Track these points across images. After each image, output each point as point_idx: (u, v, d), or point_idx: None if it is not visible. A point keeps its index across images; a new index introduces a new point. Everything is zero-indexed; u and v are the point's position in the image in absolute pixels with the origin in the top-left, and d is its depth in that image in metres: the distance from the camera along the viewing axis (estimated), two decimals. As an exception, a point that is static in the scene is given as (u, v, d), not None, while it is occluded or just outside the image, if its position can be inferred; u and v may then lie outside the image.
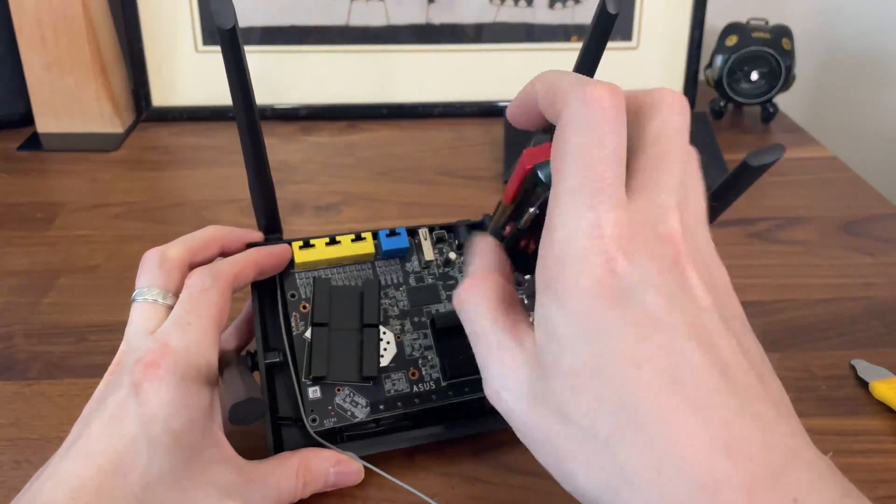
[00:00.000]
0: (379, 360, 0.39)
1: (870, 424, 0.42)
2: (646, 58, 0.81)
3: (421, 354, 0.40)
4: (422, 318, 0.41)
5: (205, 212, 0.64)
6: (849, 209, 0.65)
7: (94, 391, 0.34)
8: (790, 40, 0.78)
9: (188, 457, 0.32)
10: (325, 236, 0.41)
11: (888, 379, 0.44)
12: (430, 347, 0.40)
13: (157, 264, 0.36)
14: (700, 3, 0.79)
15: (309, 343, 0.39)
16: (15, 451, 0.41)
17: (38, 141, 0.76)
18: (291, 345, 0.39)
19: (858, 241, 0.60)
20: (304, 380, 0.38)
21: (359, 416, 0.38)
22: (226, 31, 0.31)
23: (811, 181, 0.70)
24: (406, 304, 0.41)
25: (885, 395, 0.43)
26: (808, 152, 0.75)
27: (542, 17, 0.80)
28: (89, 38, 0.73)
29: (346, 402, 0.38)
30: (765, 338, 0.49)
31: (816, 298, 0.53)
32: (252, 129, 0.36)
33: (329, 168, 0.72)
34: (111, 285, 0.54)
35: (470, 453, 0.40)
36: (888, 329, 0.50)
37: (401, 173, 0.71)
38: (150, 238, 0.60)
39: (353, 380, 0.38)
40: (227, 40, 0.32)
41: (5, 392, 0.45)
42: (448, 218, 0.63)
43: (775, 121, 0.81)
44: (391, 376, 0.39)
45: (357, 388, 0.39)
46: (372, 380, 0.39)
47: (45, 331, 0.50)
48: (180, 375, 0.32)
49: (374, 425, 0.39)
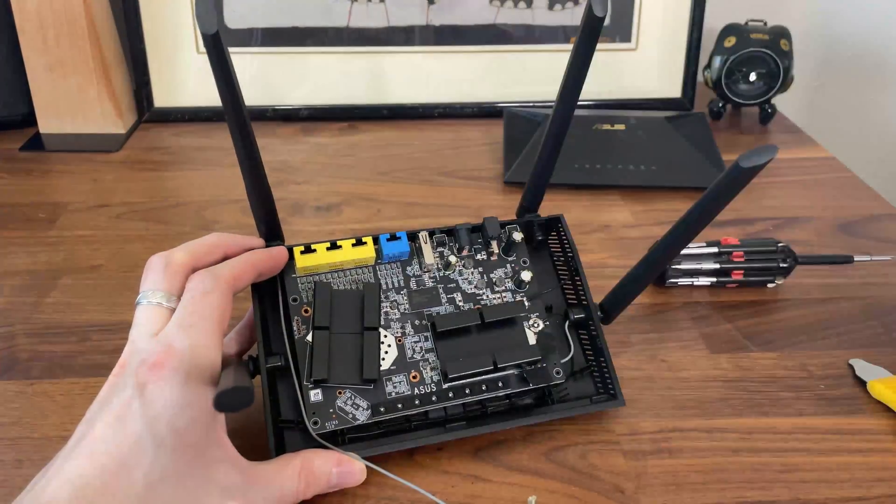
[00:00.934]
0: (380, 362, 0.39)
1: (868, 423, 0.43)
2: (645, 59, 0.82)
3: (422, 357, 0.40)
4: (422, 321, 0.41)
5: (206, 212, 0.64)
6: (846, 209, 0.65)
7: (98, 392, 0.34)
8: (788, 41, 0.78)
9: (192, 456, 0.32)
10: (326, 241, 0.42)
11: (886, 378, 0.45)
12: (430, 350, 0.41)
13: (161, 268, 0.37)
14: (699, 4, 0.79)
15: (310, 346, 0.39)
16: (17, 450, 0.41)
17: (40, 141, 0.76)
18: (293, 348, 0.39)
19: (856, 241, 0.60)
20: (305, 383, 0.38)
21: (360, 418, 0.38)
22: (209, 37, 0.31)
23: (809, 181, 0.70)
24: (407, 307, 0.41)
25: (883, 394, 0.43)
26: (806, 153, 0.76)
27: (541, 18, 0.80)
28: (91, 40, 0.74)
29: (347, 405, 0.38)
30: (763, 337, 0.49)
31: (814, 298, 0.53)
32: (244, 134, 0.36)
33: (330, 168, 0.72)
34: (113, 285, 0.55)
35: (470, 453, 0.41)
36: (886, 329, 0.50)
37: (401, 174, 0.71)
38: (152, 238, 0.60)
39: (354, 382, 0.39)
40: (212, 46, 0.32)
41: (7, 391, 0.45)
42: (448, 218, 0.63)
43: (774, 122, 0.82)
44: (392, 379, 0.39)
45: (358, 390, 0.39)
46: (373, 382, 0.39)
47: (46, 330, 0.50)
48: (184, 376, 0.33)
49: (375, 428, 0.39)
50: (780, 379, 0.46)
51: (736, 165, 0.32)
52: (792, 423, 0.43)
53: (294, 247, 0.41)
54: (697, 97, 0.83)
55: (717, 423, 0.43)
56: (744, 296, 0.53)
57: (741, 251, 0.53)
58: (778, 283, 0.53)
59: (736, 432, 0.42)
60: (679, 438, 0.41)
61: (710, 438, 0.42)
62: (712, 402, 0.44)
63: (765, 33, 0.78)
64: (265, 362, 0.39)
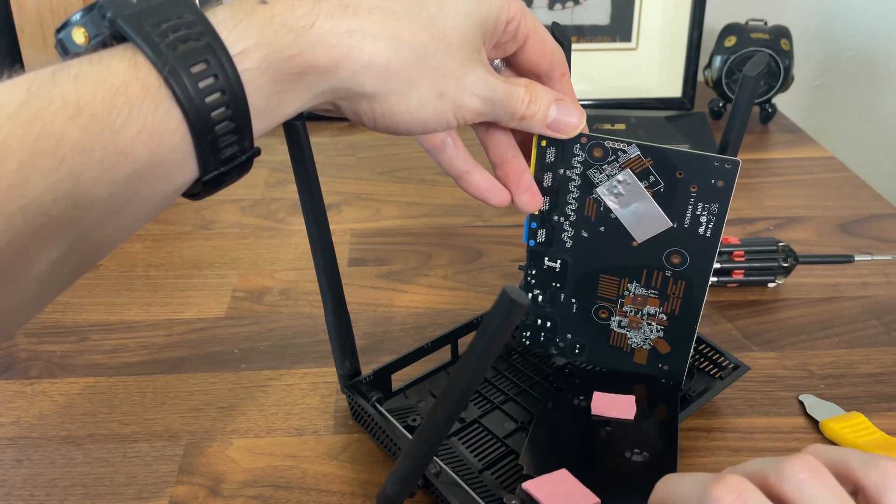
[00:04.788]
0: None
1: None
2: (645, 58, 0.82)
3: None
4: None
5: (205, 211, 0.64)
6: (846, 209, 0.65)
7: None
8: (789, 41, 0.78)
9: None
10: None
11: (839, 416, 0.42)
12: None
13: None
14: (699, 4, 0.79)
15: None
16: (16, 449, 0.41)
17: (38, 141, 0.76)
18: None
19: (856, 240, 0.60)
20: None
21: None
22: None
23: (809, 181, 0.70)
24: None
25: (838, 433, 0.41)
26: (807, 152, 0.76)
27: (541, 17, 0.80)
28: (90, 39, 0.74)
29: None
30: (763, 337, 0.49)
31: (815, 298, 0.53)
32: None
33: (329, 168, 0.72)
34: (112, 285, 0.55)
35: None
36: (886, 328, 0.50)
37: (401, 173, 0.71)
38: (152, 238, 0.60)
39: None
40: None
41: (7, 391, 0.45)
42: (448, 218, 0.63)
43: (774, 121, 0.82)
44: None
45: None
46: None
47: (46, 330, 0.50)
48: None
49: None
50: (780, 379, 0.46)
51: (743, 76, 0.36)
52: (792, 423, 0.43)
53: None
54: (697, 97, 0.83)
55: (717, 423, 0.42)
56: (744, 295, 0.53)
57: (741, 251, 0.53)
58: (778, 283, 0.53)
59: (736, 432, 0.42)
60: (679, 438, 0.41)
61: (710, 438, 0.41)
62: (712, 402, 0.44)
63: (765, 33, 0.78)
64: None
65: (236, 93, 0.26)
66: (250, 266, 0.57)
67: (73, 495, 0.38)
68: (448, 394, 0.27)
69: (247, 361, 0.47)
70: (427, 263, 0.57)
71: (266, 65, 0.27)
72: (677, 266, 0.39)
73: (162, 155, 0.25)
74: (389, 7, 0.30)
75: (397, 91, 0.30)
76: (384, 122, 0.32)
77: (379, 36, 0.29)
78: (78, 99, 0.24)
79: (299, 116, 0.32)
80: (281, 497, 0.38)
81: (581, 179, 0.38)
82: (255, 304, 0.53)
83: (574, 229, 0.40)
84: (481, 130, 0.37)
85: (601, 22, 0.80)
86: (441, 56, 0.31)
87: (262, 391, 0.45)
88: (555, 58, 0.36)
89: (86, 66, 0.25)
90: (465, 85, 0.32)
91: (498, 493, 0.37)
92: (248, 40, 0.27)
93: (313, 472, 0.39)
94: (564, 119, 0.36)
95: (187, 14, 0.26)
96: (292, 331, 0.50)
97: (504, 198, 0.37)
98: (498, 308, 0.24)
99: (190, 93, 0.25)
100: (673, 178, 0.37)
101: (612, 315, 0.41)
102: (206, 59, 0.25)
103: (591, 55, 0.81)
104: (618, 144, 0.37)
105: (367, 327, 0.50)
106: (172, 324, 0.51)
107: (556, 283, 0.41)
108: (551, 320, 0.42)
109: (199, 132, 0.26)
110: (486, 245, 0.60)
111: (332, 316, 0.39)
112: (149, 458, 0.40)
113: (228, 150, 0.27)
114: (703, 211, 0.37)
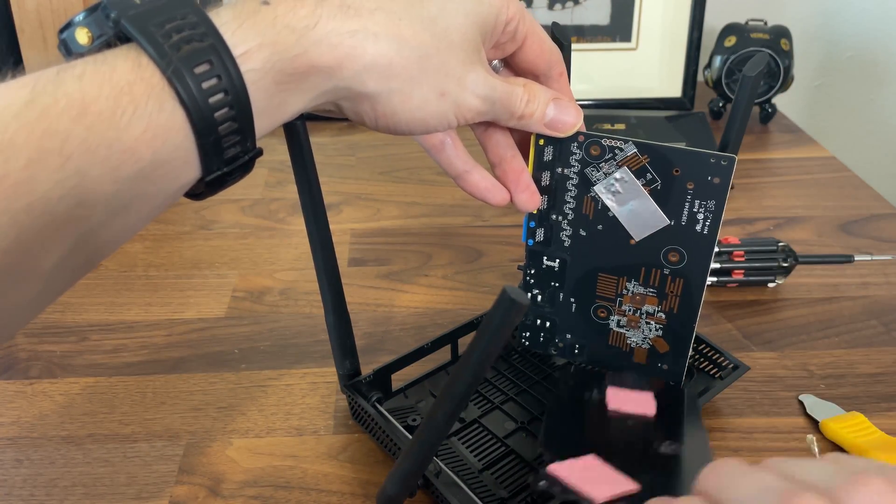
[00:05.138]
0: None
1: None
2: (645, 58, 0.82)
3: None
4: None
5: (205, 211, 0.64)
6: (846, 209, 0.65)
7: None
8: (789, 41, 0.78)
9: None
10: None
11: (839, 416, 0.42)
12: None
13: None
14: (699, 4, 0.79)
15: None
16: (16, 449, 0.41)
17: (38, 141, 0.76)
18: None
19: (856, 240, 0.60)
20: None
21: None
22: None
23: (809, 181, 0.70)
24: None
25: (838, 434, 0.41)
26: (807, 152, 0.76)
27: (541, 17, 0.80)
28: (90, 39, 0.74)
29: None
30: (763, 337, 0.49)
31: (815, 298, 0.53)
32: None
33: (329, 168, 0.72)
34: (112, 285, 0.55)
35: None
36: (886, 328, 0.50)
37: (401, 173, 0.71)
38: (152, 238, 0.60)
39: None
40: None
41: (7, 391, 0.45)
42: (448, 218, 0.63)
43: (774, 121, 0.82)
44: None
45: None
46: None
47: (46, 330, 0.50)
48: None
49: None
50: (780, 379, 0.46)
51: (743, 76, 0.36)
52: (792, 423, 0.43)
53: None
54: (697, 97, 0.83)
55: (717, 423, 0.42)
56: (744, 295, 0.53)
57: (741, 251, 0.53)
58: (778, 283, 0.53)
59: (736, 432, 0.42)
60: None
61: (709, 438, 0.41)
62: (712, 402, 0.44)
63: (765, 33, 0.78)
64: None
65: (239, 93, 0.26)
66: (250, 266, 0.57)
67: (73, 495, 0.38)
68: (448, 394, 0.27)
69: (247, 361, 0.47)
70: (427, 263, 0.57)
71: (269, 65, 0.27)
72: (675, 264, 0.39)
73: (166, 154, 0.26)
74: (391, 7, 0.30)
75: (399, 90, 0.30)
76: (386, 121, 0.32)
77: (381, 36, 0.29)
78: (83, 98, 0.24)
79: (299, 116, 0.32)
80: (281, 497, 0.38)
81: (579, 178, 0.38)
82: (255, 304, 0.53)
83: (572, 228, 0.40)
84: (480, 130, 0.37)
85: (601, 22, 0.80)
86: (443, 56, 0.31)
87: (262, 391, 0.45)
88: (552, 57, 0.36)
89: (90, 66, 0.25)
90: (467, 84, 0.32)
91: (498, 493, 0.37)
92: (252, 41, 0.27)
93: (313, 472, 0.39)
94: (562, 118, 0.36)
95: (191, 15, 0.26)
96: (292, 331, 0.50)
97: (503, 197, 0.37)
98: (498, 308, 0.24)
99: (193, 93, 0.25)
100: (669, 175, 0.37)
101: (610, 314, 0.41)
102: (210, 59, 0.25)
103: (591, 55, 0.81)
104: (615, 142, 0.37)
105: (367, 327, 0.50)
106: (172, 324, 0.51)
107: (554, 283, 0.41)
108: (550, 320, 0.42)
109: (202, 132, 0.26)
110: (486, 245, 0.60)
111: (332, 316, 0.39)
112: (149, 458, 0.40)
113: (231, 151, 0.27)
114: (700, 208, 0.37)
